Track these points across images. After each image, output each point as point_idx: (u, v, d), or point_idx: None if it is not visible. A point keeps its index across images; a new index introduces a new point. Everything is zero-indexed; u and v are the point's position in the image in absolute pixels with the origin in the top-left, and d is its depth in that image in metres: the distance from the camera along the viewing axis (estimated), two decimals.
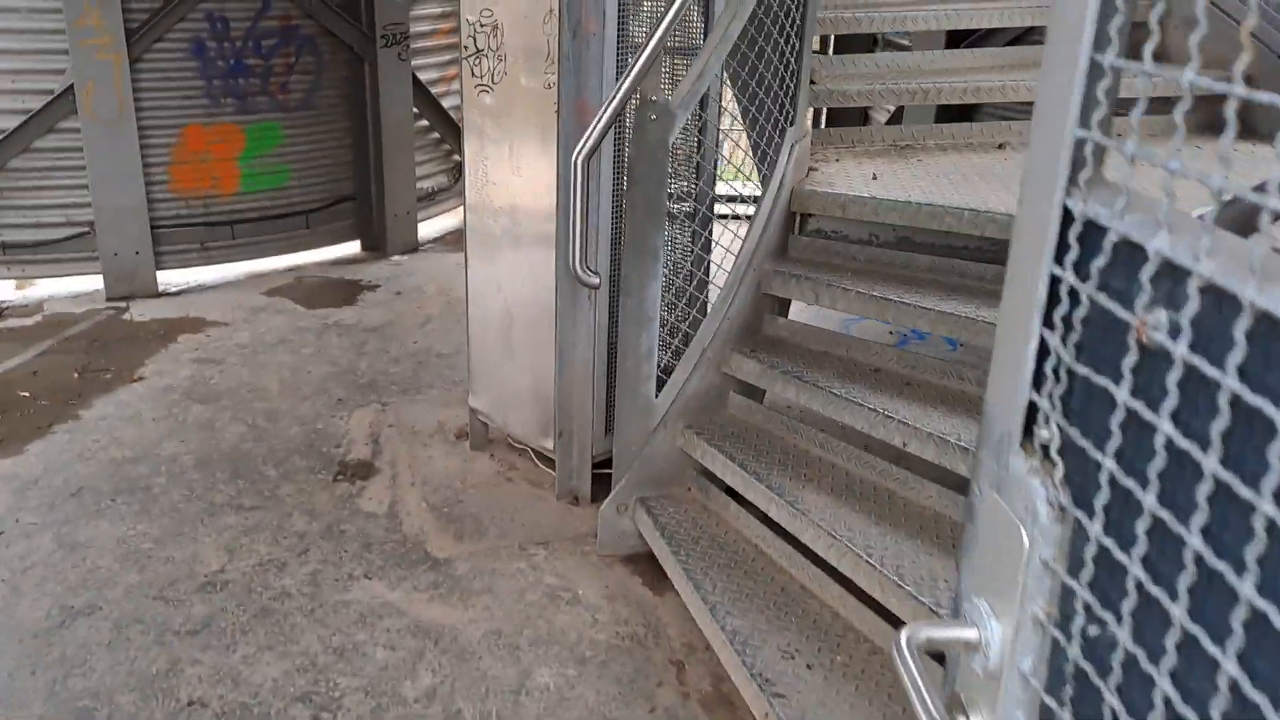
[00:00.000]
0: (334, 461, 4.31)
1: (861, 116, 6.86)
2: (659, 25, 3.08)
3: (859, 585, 2.75)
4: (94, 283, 6.43)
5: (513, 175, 3.77)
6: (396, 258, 7.53)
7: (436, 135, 8.06)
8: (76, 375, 5.15)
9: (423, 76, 7.64)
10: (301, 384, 5.15)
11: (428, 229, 8.06)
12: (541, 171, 3.63)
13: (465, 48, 3.83)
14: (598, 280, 3.30)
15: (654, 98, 3.13)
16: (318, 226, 7.35)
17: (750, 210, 3.64)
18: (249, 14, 6.51)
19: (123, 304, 6.28)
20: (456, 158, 8.31)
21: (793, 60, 3.50)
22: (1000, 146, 4.06)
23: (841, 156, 4.05)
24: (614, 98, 3.12)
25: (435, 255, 7.70)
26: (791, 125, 3.58)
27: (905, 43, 6.32)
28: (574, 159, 3.16)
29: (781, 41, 3.39)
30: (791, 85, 3.53)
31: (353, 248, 7.65)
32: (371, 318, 6.22)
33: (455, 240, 8.03)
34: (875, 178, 3.67)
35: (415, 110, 7.53)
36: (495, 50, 3.70)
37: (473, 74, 3.83)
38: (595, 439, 3.90)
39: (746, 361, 3.43)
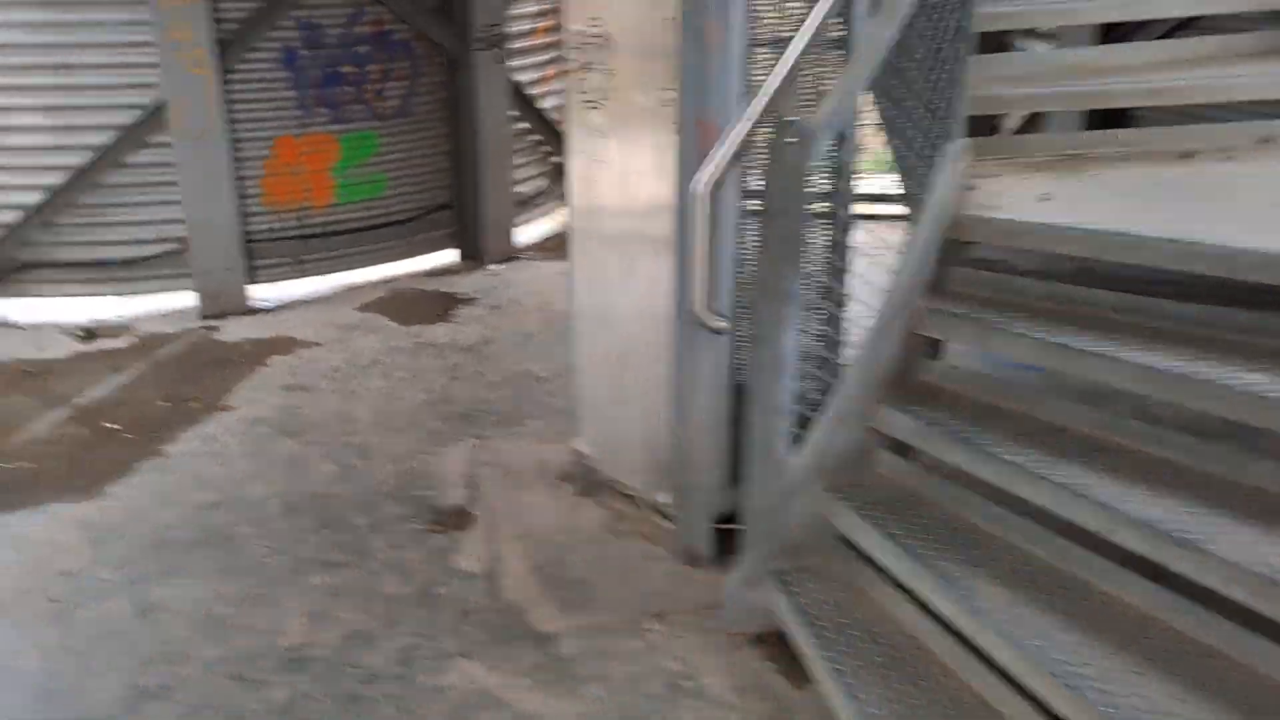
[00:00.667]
0: (427, 508, 3.96)
1: (989, 124, 6.21)
2: (797, 37, 2.61)
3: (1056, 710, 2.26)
4: (187, 299, 6.25)
5: (624, 202, 3.36)
6: (493, 267, 7.20)
7: (535, 137, 7.71)
8: (164, 404, 4.93)
9: (520, 78, 7.28)
10: (394, 414, 4.83)
11: (525, 234, 7.73)
12: (657, 199, 3.20)
13: (571, 61, 3.41)
14: (725, 325, 2.86)
15: (792, 117, 2.67)
16: (413, 236, 7.07)
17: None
18: (342, 20, 6.23)
19: (215, 323, 6.07)
20: (555, 160, 7.96)
21: (952, 66, 3.00)
22: (1187, 156, 3.48)
23: (1002, 171, 3.51)
24: (746, 119, 2.67)
25: (533, 264, 7.35)
26: (949, 140, 3.08)
27: (1048, 29, 5.69)
28: (697, 188, 2.72)
29: (941, 45, 2.89)
30: (950, 94, 3.02)
31: (449, 257, 7.36)
32: (467, 336, 5.89)
33: (554, 246, 7.67)
34: (1048, 198, 3.14)
35: (513, 113, 7.18)
36: (604, 64, 3.28)
37: (579, 90, 3.42)
38: (718, 493, 3.46)
39: (899, 416, 2.95)
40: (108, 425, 4.67)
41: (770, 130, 2.78)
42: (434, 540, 3.74)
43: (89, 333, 5.83)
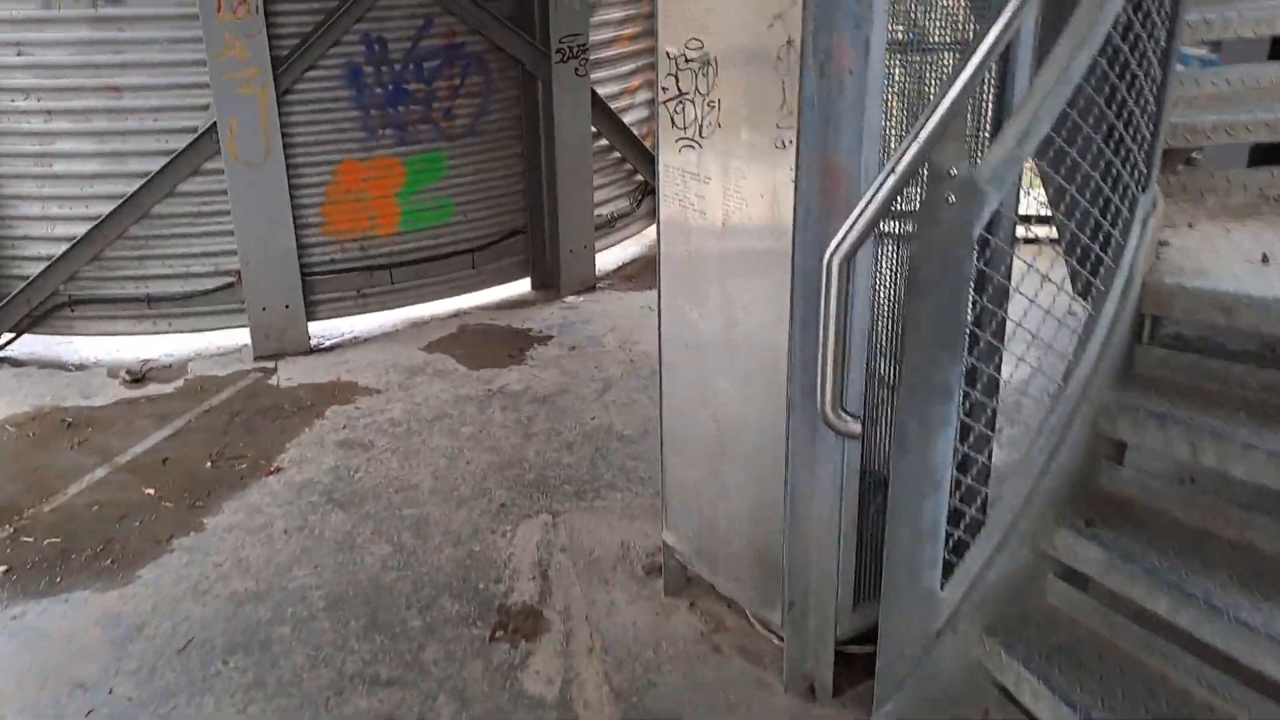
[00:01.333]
0: (492, 606, 3.50)
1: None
2: (966, 61, 2.07)
3: None
4: (241, 336, 5.93)
5: (726, 262, 2.84)
6: (570, 298, 6.76)
7: (616, 154, 7.25)
8: (209, 464, 4.57)
9: (601, 91, 6.83)
10: (458, 480, 4.39)
11: (605, 259, 7.27)
12: (769, 260, 2.68)
13: (664, 89, 2.92)
14: (858, 428, 2.33)
15: (952, 170, 2.13)
16: (484, 265, 6.67)
17: None
18: (409, 33, 5.84)
19: (270, 363, 5.74)
20: (639, 178, 7.50)
21: (1151, 98, 2.43)
22: None
23: (1193, 218, 2.93)
24: (893, 170, 2.13)
25: (613, 295, 6.88)
26: (1144, 191, 2.51)
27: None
28: (828, 259, 2.20)
29: (1140, 73, 2.33)
30: (1148, 134, 2.46)
31: (522, 286, 6.94)
32: (541, 382, 5.44)
33: (636, 273, 7.23)
34: (1267, 259, 2.55)
35: (593, 129, 6.72)
36: (705, 94, 2.77)
37: (673, 123, 2.92)
38: (840, 613, 2.93)
39: (1082, 544, 2.39)
40: (148, 491, 4.32)
41: (923, 181, 2.25)
42: (498, 651, 3.27)
43: (137, 377, 5.53)
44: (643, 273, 7.23)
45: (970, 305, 2.23)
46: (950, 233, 2.17)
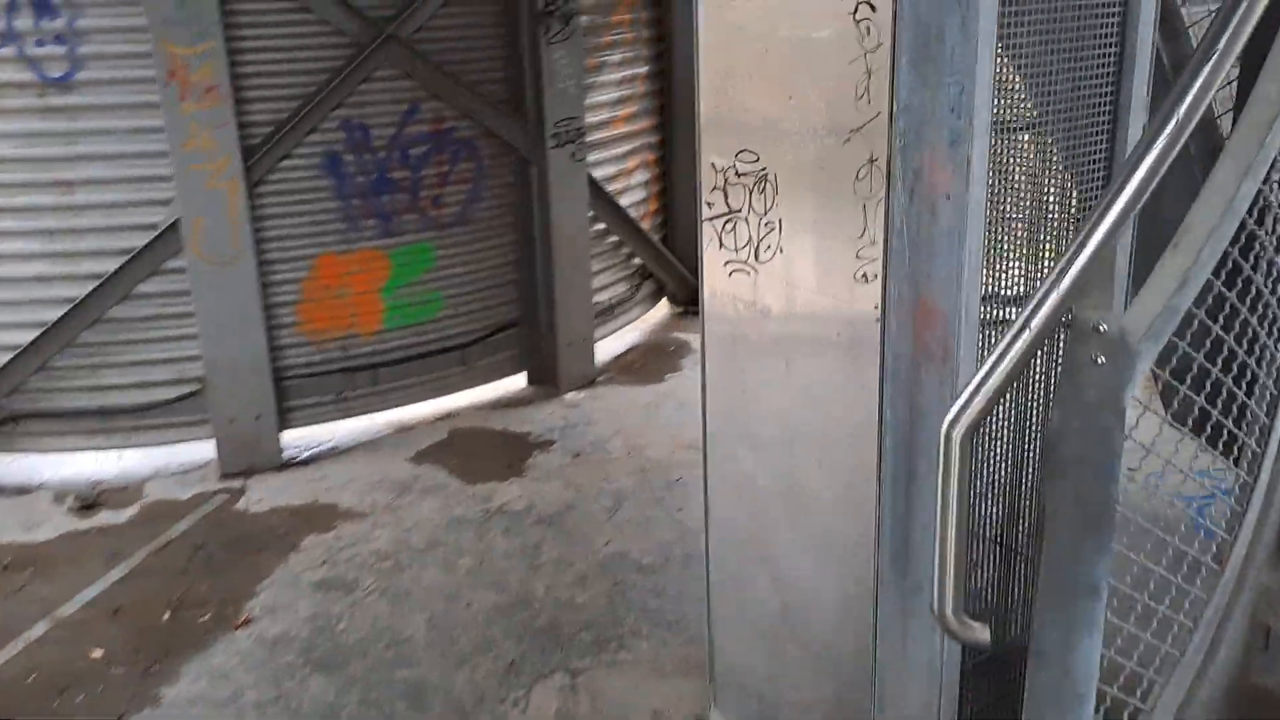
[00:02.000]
0: None
1: None
2: (1122, 183, 1.73)
3: None
4: (208, 450, 5.51)
5: (787, 421, 2.50)
6: (570, 395, 6.41)
7: (614, 238, 6.96)
8: (167, 615, 4.14)
9: (597, 173, 6.57)
10: (458, 629, 3.98)
11: (603, 348, 6.92)
12: (846, 410, 2.33)
13: (708, 205, 2.59)
14: (987, 635, 1.96)
15: (1100, 325, 1.78)
16: (475, 362, 6.32)
17: None
18: (393, 119, 5.54)
19: (238, 482, 5.32)
20: (637, 261, 7.22)
21: None
22: None
23: None
24: (1026, 325, 1.78)
25: (615, 390, 6.54)
26: None
27: None
28: (945, 431, 1.84)
29: None
30: None
31: (517, 383, 6.59)
32: (545, 499, 5.06)
33: (637, 363, 6.93)
34: None
35: (589, 213, 6.44)
36: (761, 213, 2.44)
37: (720, 243, 2.59)
38: None
39: None
40: (94, 654, 3.88)
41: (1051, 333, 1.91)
42: None
43: (87, 503, 5.10)
44: (644, 363, 6.93)
45: (1119, 482, 1.87)
46: (1098, 400, 1.82)
